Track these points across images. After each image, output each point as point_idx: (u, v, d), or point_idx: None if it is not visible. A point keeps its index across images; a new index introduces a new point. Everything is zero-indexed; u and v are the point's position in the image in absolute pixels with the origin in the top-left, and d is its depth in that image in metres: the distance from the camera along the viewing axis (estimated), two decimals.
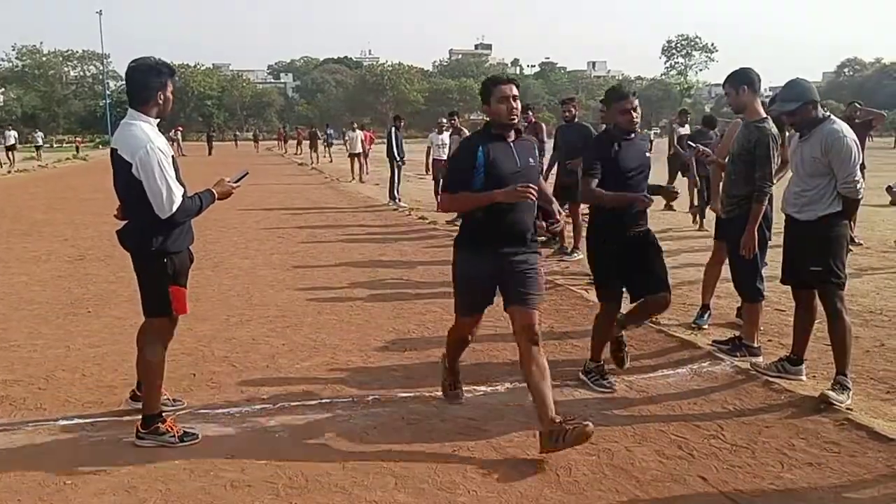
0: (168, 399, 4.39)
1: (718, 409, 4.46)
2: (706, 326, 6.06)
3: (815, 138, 4.46)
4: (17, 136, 35.91)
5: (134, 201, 3.85)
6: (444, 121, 15.42)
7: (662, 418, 4.34)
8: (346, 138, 24.78)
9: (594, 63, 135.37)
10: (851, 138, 4.43)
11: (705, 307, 6.23)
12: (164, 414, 4.08)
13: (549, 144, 10.40)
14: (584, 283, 7.83)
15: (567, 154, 9.35)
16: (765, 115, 5.11)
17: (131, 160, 3.77)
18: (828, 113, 4.54)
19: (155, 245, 3.88)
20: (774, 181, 5.15)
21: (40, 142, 42.15)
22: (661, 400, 4.62)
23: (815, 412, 4.27)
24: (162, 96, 3.97)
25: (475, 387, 4.84)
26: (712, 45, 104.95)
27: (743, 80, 5.14)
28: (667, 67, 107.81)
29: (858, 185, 4.43)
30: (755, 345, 5.34)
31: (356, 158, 23.34)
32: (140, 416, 4.01)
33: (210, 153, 45.95)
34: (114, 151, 3.87)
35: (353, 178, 23.26)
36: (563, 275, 8.37)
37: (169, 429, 3.98)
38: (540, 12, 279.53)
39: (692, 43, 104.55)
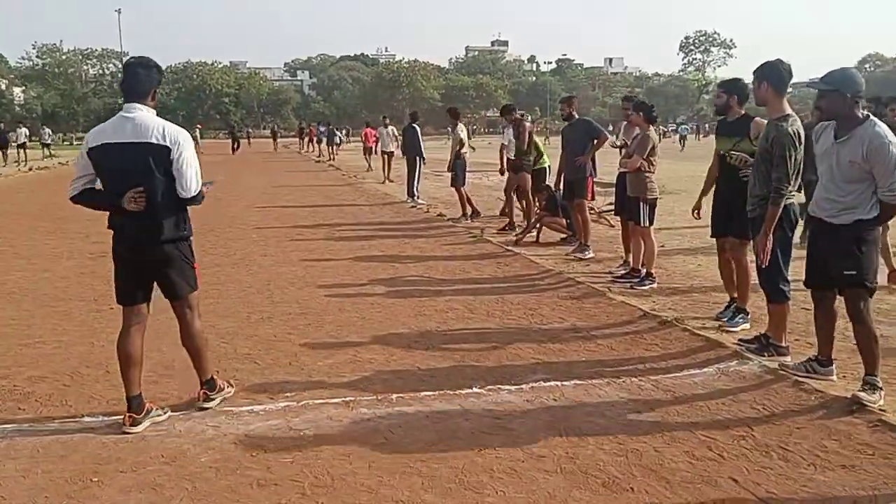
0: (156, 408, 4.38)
1: (747, 409, 4.39)
2: (734, 327, 5.93)
3: (856, 141, 4.21)
4: (28, 133, 35.91)
5: (166, 189, 4.05)
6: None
7: (690, 419, 4.27)
8: (377, 135, 23.20)
9: (611, 59, 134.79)
10: (895, 143, 4.20)
11: (732, 300, 6.20)
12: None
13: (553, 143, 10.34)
14: (606, 282, 7.77)
15: (572, 151, 9.29)
16: (788, 113, 4.97)
17: (171, 144, 4.01)
18: (867, 113, 4.34)
19: (184, 230, 4.22)
20: (792, 182, 4.95)
21: (48, 139, 40.63)
22: (689, 400, 4.56)
23: (847, 413, 4.19)
24: (157, 91, 4.26)
25: (499, 386, 4.80)
26: (731, 40, 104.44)
27: (765, 75, 5.01)
28: (684, 63, 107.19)
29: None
30: (783, 344, 5.26)
31: (388, 157, 21.44)
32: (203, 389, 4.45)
33: (234, 151, 44.32)
34: (136, 143, 3.98)
35: (385, 179, 21.26)
36: (584, 273, 8.30)
37: (223, 384, 4.59)
38: (557, 9, 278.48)
39: (710, 39, 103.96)
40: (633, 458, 3.77)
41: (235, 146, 45.76)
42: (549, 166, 11.50)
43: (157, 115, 4.20)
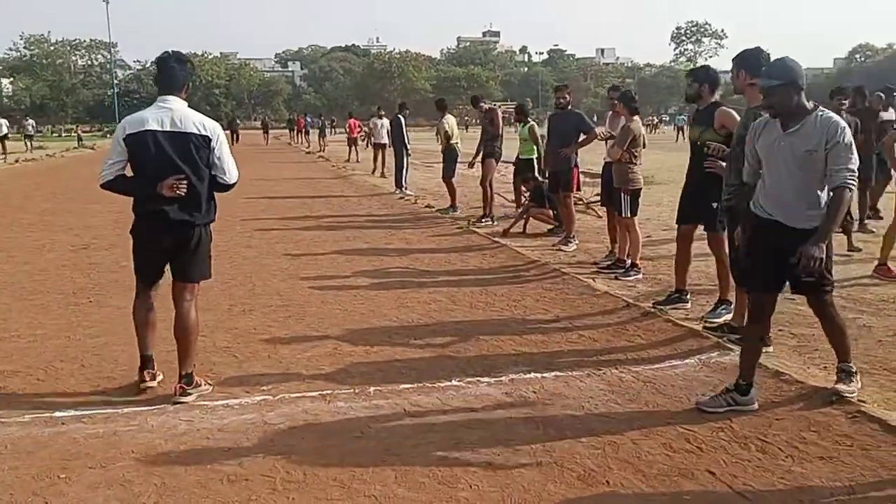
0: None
1: None
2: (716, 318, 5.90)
3: (810, 129, 3.93)
4: (8, 125, 35.49)
5: (204, 176, 4.34)
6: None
7: (670, 410, 4.23)
8: (371, 126, 22.29)
9: (603, 50, 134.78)
10: (848, 129, 3.98)
11: (679, 291, 6.32)
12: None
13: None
14: (591, 272, 7.73)
15: (559, 142, 9.20)
16: None
17: (212, 135, 4.32)
18: (814, 102, 4.04)
19: (213, 215, 4.50)
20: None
21: (31, 131, 39.92)
22: (669, 391, 4.52)
23: (827, 404, 4.16)
24: (189, 85, 4.53)
25: (479, 378, 4.75)
26: (722, 31, 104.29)
27: (742, 63, 5.00)
28: (676, 54, 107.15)
29: (854, 179, 3.91)
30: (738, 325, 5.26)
31: (381, 150, 20.25)
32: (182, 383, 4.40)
33: (234, 143, 41.43)
34: (178, 133, 4.23)
35: (376, 171, 20.48)
36: (569, 264, 8.26)
37: (201, 381, 4.52)
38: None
39: (702, 29, 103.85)
40: (611, 451, 3.73)
41: (235, 138, 43.85)
42: (538, 157, 11.45)
43: (145, 106, 4.46)
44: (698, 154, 5.82)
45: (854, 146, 3.93)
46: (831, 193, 3.96)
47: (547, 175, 9.87)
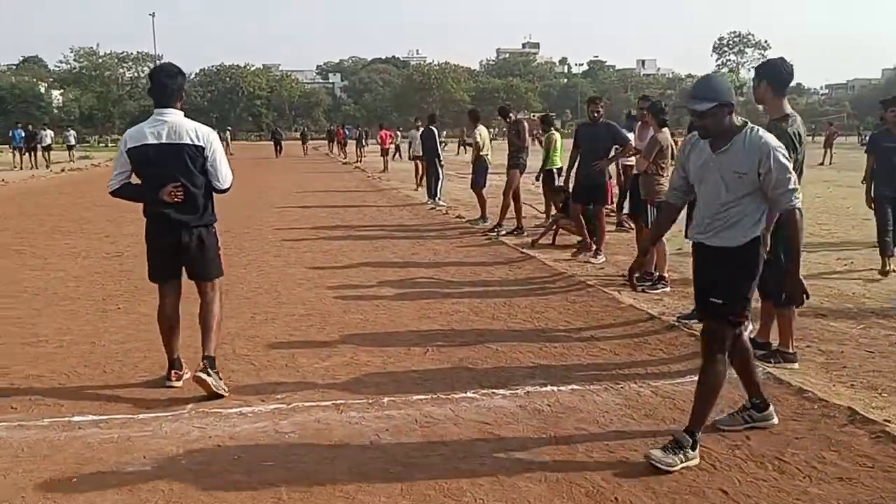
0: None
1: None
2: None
3: (739, 149, 3.61)
4: (52, 136, 36.20)
5: (200, 183, 4.64)
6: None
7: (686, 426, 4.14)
8: (409, 138, 22.07)
9: (643, 61, 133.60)
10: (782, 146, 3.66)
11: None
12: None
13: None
14: (618, 285, 7.63)
15: (593, 154, 9.07)
16: (788, 113, 4.82)
17: (205, 143, 4.61)
18: (743, 119, 3.74)
19: (213, 215, 4.79)
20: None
21: (73, 141, 40.28)
22: (687, 407, 4.34)
23: (849, 423, 4.04)
24: (183, 93, 4.75)
25: (493, 390, 4.71)
26: (766, 41, 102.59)
27: (764, 74, 4.90)
28: (718, 65, 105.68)
29: (799, 198, 3.63)
30: (791, 351, 5.10)
31: (421, 162, 18.83)
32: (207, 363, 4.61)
33: (278, 153, 42.32)
34: (173, 144, 4.53)
35: (417, 187, 19.41)
36: (596, 276, 8.17)
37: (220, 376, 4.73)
38: (588, 10, 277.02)
39: (745, 40, 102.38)
40: (622, 467, 3.66)
41: (279, 149, 43.21)
42: (560, 168, 11.37)
43: (192, 117, 4.78)
44: None
45: (789, 163, 3.61)
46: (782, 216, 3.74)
47: (570, 184, 9.77)
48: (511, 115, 12.92)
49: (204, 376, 4.51)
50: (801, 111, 5.15)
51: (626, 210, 10.84)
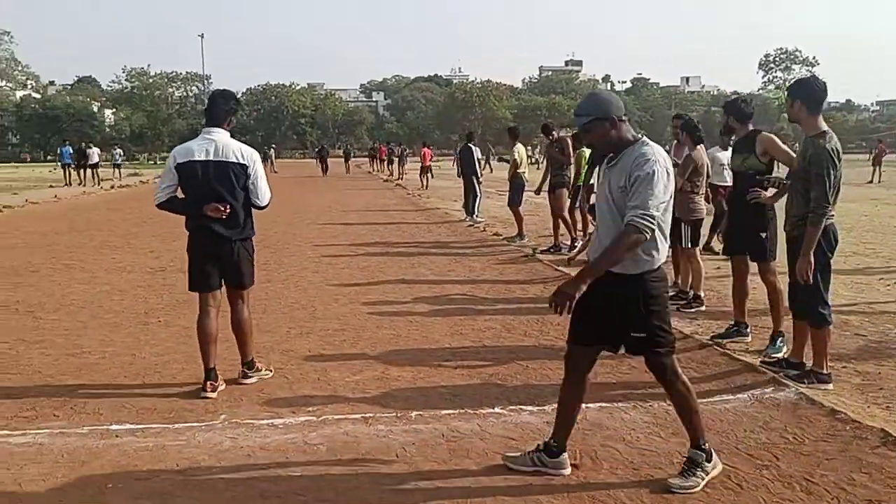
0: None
1: (776, 438, 4.20)
2: (777, 353, 5.72)
3: (623, 162, 3.46)
4: (100, 153, 37.11)
5: (242, 199, 4.97)
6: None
7: (715, 446, 4.09)
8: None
9: (688, 78, 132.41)
10: (663, 164, 3.39)
11: (737, 323, 6.28)
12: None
13: None
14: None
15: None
16: (824, 130, 4.79)
17: (249, 162, 4.97)
18: (641, 136, 3.59)
19: (254, 231, 5.18)
20: (831, 201, 4.73)
21: (118, 159, 40.73)
22: (716, 426, 4.39)
23: (883, 445, 3.97)
24: (234, 118, 5.13)
25: (521, 406, 4.73)
26: (814, 58, 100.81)
27: (797, 93, 4.88)
28: (764, 82, 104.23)
29: (649, 222, 3.31)
30: (825, 371, 5.03)
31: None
32: (244, 368, 5.24)
33: (325, 171, 40.95)
34: (220, 162, 4.89)
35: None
36: None
37: (262, 366, 5.37)
38: (631, 27, 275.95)
39: (791, 56, 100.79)
40: (646, 485, 3.65)
41: (324, 167, 41.65)
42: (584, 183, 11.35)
43: (238, 135, 5.19)
44: (742, 183, 5.81)
45: (659, 184, 3.33)
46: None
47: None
48: (554, 132, 13.09)
49: (246, 381, 5.17)
50: (851, 128, 5.14)
51: None
